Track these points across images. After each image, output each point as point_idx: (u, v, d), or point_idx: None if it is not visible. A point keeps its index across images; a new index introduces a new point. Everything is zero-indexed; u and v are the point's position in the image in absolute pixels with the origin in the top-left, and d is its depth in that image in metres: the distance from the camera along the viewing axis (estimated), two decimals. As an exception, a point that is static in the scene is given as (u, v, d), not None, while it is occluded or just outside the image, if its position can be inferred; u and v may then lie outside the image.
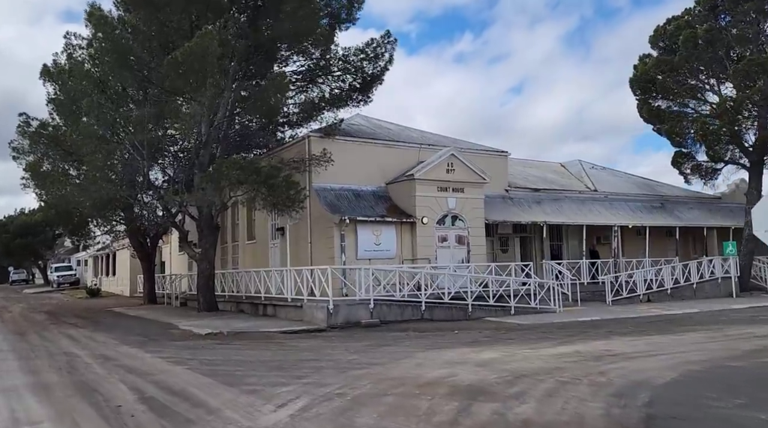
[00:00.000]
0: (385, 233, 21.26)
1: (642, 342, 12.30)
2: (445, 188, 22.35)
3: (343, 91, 22.05)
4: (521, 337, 13.77)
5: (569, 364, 9.56)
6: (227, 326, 17.06)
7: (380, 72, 21.45)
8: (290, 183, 18.30)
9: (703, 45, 27.53)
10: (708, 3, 29.20)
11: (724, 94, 28.98)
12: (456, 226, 22.56)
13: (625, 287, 23.96)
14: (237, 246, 28.00)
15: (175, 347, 12.75)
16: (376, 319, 17.41)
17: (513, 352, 10.99)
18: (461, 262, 22.22)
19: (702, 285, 26.17)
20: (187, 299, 27.22)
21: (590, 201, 28.01)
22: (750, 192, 28.50)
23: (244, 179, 17.89)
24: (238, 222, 27.94)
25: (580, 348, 11.50)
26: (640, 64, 30.91)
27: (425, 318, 18.31)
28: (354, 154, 22.31)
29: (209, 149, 21.63)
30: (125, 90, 21.94)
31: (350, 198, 22.02)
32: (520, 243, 26.36)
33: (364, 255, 20.83)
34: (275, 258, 24.23)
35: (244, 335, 15.33)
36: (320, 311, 17.22)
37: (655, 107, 30.91)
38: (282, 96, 19.56)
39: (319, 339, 13.87)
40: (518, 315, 19.30)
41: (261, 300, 20.64)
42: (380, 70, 21.41)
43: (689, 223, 28.90)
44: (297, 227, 21.77)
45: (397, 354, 10.90)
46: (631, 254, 27.46)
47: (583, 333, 14.31)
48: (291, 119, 23.20)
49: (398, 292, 18.30)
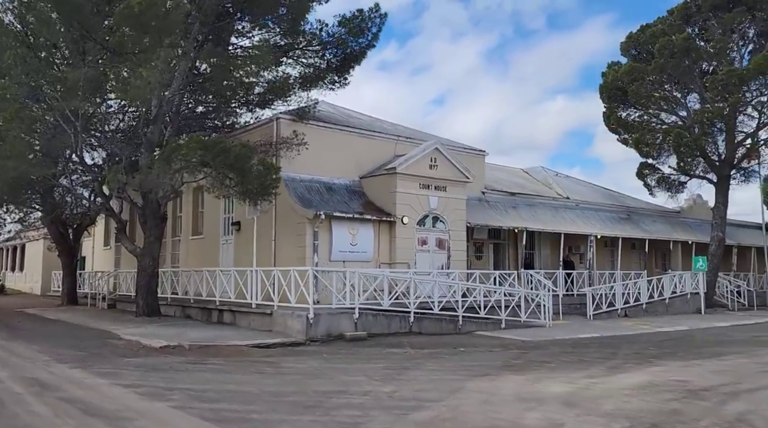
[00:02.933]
0: (362, 232, 18.76)
1: (702, 370, 10.53)
2: (427, 186, 20.14)
3: (319, 69, 19.37)
4: (550, 359, 11.70)
5: (673, 403, 7.53)
6: (181, 336, 14.02)
7: (363, 49, 18.96)
8: (267, 167, 15.47)
9: (679, 54, 26.89)
10: (682, 13, 28.75)
11: (691, 107, 28.61)
12: (437, 228, 20.38)
13: (604, 301, 22.62)
14: (178, 242, 24.55)
15: (130, 366, 9.74)
16: (362, 331, 14.89)
17: (576, 383, 8.86)
18: (441, 268, 20.06)
19: (673, 301, 25.34)
20: (116, 301, 23.50)
21: (563, 209, 26.68)
22: (717, 207, 28.15)
23: (209, 160, 14.89)
24: (180, 214, 24.51)
25: (644, 377, 9.54)
26: (609, 71, 30.03)
27: (413, 331, 15.98)
28: (327, 142, 19.70)
29: (159, 125, 18.38)
30: (57, 48, 18.30)
31: (322, 191, 19.38)
32: (494, 250, 24.58)
33: (338, 257, 18.23)
34: (227, 257, 21.14)
35: (209, 349, 12.41)
36: (296, 321, 14.50)
37: (624, 115, 30.18)
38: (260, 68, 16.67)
39: (312, 358, 11.20)
40: (510, 329, 17.33)
41: (215, 305, 17.57)
42: (364, 47, 18.91)
43: (657, 236, 28.19)
44: (257, 222, 18.87)
45: (438, 384, 8.51)
46: (599, 265, 26.33)
47: (613, 355, 12.44)
48: (253, 98, 20.22)
49: (383, 300, 15.84)
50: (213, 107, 21.45)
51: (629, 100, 29.21)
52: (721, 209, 27.95)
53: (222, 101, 20.09)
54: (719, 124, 27.11)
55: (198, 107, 20.95)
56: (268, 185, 15.59)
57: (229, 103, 20.51)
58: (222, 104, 20.15)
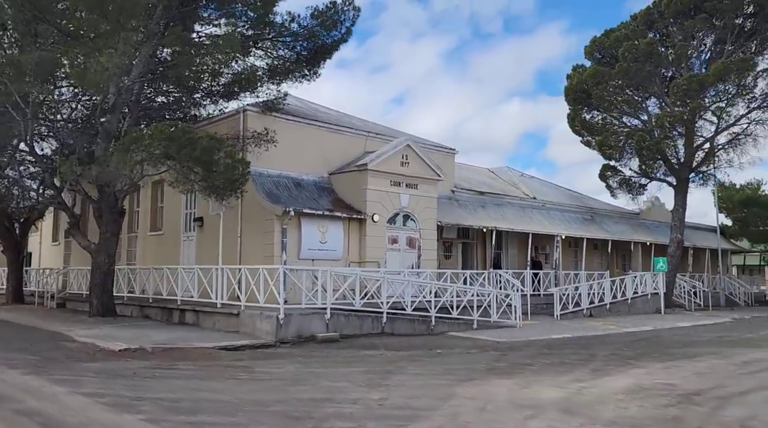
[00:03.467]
0: (332, 230, 18.20)
1: (684, 372, 10.41)
2: (398, 183, 19.73)
3: (289, 61, 18.68)
4: (531, 361, 11.41)
5: (671, 409, 7.30)
6: (142, 338, 13.19)
7: (335, 43, 18.36)
8: (236, 161, 14.72)
9: (642, 59, 27.24)
10: (645, 19, 29.15)
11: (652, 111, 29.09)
12: (407, 226, 19.99)
13: (571, 301, 22.67)
14: (134, 238, 23.46)
15: (90, 372, 8.95)
16: (333, 332, 14.34)
17: (567, 387, 8.57)
18: (411, 267, 19.68)
19: (635, 301, 25.65)
20: (66, 300, 22.23)
21: (530, 209, 26.69)
22: (676, 210, 28.67)
23: (174, 152, 14.05)
24: (138, 209, 23.41)
25: (631, 380, 9.33)
26: (574, 74, 30.29)
27: (386, 332, 15.53)
28: (295, 137, 19.06)
29: (117, 114, 17.38)
30: (5, 29, 17.09)
31: (290, 187, 18.73)
32: (462, 249, 24.35)
33: (307, 255, 17.63)
34: (189, 254, 20.26)
35: (174, 352, 11.65)
36: (266, 322, 13.85)
37: (588, 118, 30.47)
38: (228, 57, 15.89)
39: (287, 362, 10.59)
40: (482, 330, 17.08)
41: (177, 305, 16.71)
42: (336, 41, 18.32)
43: (620, 237, 28.54)
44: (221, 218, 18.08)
45: (426, 390, 8.07)
46: (564, 265, 26.45)
47: (592, 357, 12.24)
48: (219, 89, 19.35)
49: (355, 300, 15.32)
50: (175, 98, 20.50)
51: (593, 103, 29.50)
52: (680, 211, 28.49)
53: (185, 91, 19.18)
54: (679, 128, 27.59)
55: (159, 96, 19.97)
56: (236, 180, 14.86)
57: (193, 93, 19.59)
58: (185, 94, 19.25)
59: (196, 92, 19.45)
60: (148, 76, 17.75)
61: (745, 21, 27.05)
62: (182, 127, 14.33)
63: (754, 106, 26.86)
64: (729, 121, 27.08)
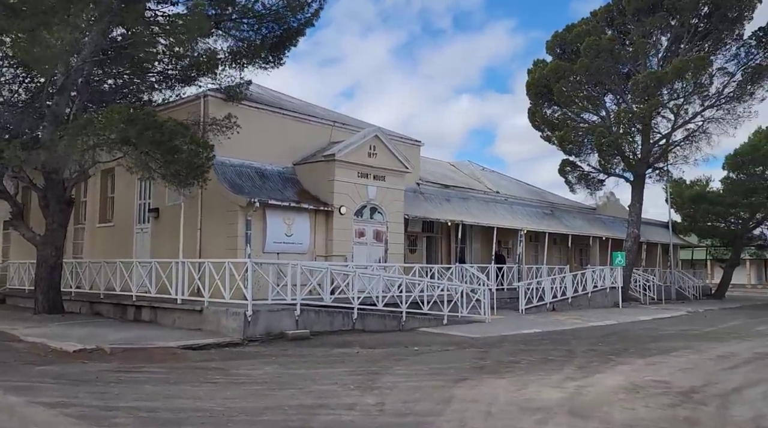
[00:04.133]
0: (298, 222, 17.47)
1: (668, 368, 10.29)
2: (366, 175, 19.13)
3: (253, 45, 17.75)
4: (515, 358, 11.09)
5: (678, 409, 7.05)
6: (97, 337, 12.21)
7: (302, 26, 17.56)
8: (201, 146, 13.80)
9: (604, 55, 27.48)
10: (605, 16, 29.47)
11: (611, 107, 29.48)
12: (375, 219, 19.43)
13: (535, 295, 22.66)
14: (81, 230, 22.06)
15: (47, 377, 8.04)
16: (304, 329, 13.67)
17: (563, 386, 8.25)
18: (378, 261, 19.14)
19: (594, 295, 25.95)
20: (5, 296, 20.71)
21: (493, 203, 26.57)
22: (633, 205, 29.14)
23: (134, 136, 13.04)
24: (85, 199, 22.00)
25: (621, 378, 9.12)
26: (536, 69, 30.35)
27: (357, 328, 14.97)
28: (259, 125, 18.20)
29: (66, 96, 16.14)
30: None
31: (254, 177, 17.88)
32: (427, 243, 23.98)
33: (272, 248, 16.85)
34: (143, 247, 19.13)
35: (136, 353, 10.76)
36: (232, 319, 13.06)
37: (549, 113, 30.62)
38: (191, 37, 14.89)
39: (263, 362, 9.89)
40: (453, 325, 16.77)
41: (132, 301, 15.65)
42: (302, 24, 17.52)
43: (580, 232, 28.79)
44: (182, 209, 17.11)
45: (422, 393, 7.57)
46: (524, 259, 26.48)
47: (571, 353, 12.04)
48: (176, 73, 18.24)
49: (325, 296, 14.68)
50: (126, 81, 19.25)
51: (554, 98, 29.62)
52: (636, 207, 28.97)
53: (139, 74, 17.97)
54: (638, 124, 28.00)
55: (110, 79, 18.67)
56: (199, 166, 13.95)
57: (147, 76, 18.41)
58: (139, 77, 18.03)
59: (152, 76, 18.27)
60: (99, 56, 16.53)
61: (700, 22, 27.61)
62: (145, 109, 13.31)
63: (708, 104, 27.48)
64: (686, 118, 27.62)
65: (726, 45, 27.72)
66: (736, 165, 36.05)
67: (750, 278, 50.32)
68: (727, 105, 27.66)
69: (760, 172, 35.00)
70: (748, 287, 49.90)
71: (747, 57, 27.18)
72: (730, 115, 27.95)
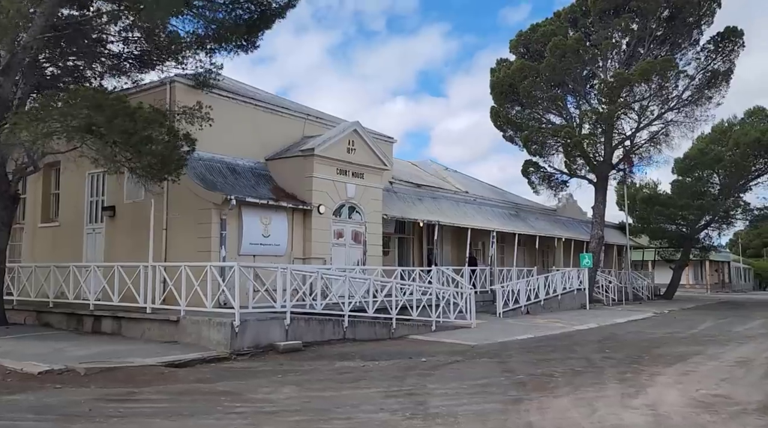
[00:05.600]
0: (276, 222, 16.06)
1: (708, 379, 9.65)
2: (345, 172, 17.93)
3: (224, 27, 16.17)
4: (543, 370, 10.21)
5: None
6: (59, 354, 10.51)
7: (282, 8, 16.11)
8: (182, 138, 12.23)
9: (570, 55, 27.34)
10: (570, 16, 29.42)
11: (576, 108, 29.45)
12: (353, 219, 18.24)
13: (511, 298, 22.05)
14: (19, 231, 19.67)
15: (20, 410, 6.44)
16: (294, 340, 12.32)
17: (629, 404, 7.41)
18: (356, 264, 17.95)
19: (564, 297, 25.69)
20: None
21: (463, 203, 25.85)
22: (596, 206, 29.18)
23: (103, 123, 11.32)
24: (24, 196, 19.64)
25: (674, 392, 8.37)
26: (501, 68, 29.95)
27: (348, 338, 13.75)
28: (229, 116, 16.64)
29: (12, 77, 14.12)
30: None
31: (225, 173, 16.34)
32: (398, 245, 22.95)
33: (248, 250, 15.37)
34: (95, 249, 17.19)
35: (114, 373, 9.15)
36: (216, 330, 11.57)
37: (514, 113, 30.27)
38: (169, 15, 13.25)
39: (266, 380, 8.55)
40: (441, 332, 15.84)
41: (89, 310, 13.80)
42: (283, 6, 16.07)
43: (547, 233, 28.52)
44: (140, 207, 15.40)
45: (487, 419, 6.50)
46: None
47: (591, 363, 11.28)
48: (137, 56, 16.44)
49: (315, 303, 13.38)
50: (77, 64, 17.24)
51: (519, 98, 29.29)
52: (600, 208, 29.02)
53: (91, 56, 16.05)
54: (603, 126, 28.00)
55: (59, 61, 16.63)
56: (177, 160, 12.36)
57: (102, 60, 16.50)
58: (91, 60, 16.10)
59: (106, 59, 16.37)
60: (52, 33, 14.58)
61: (660, 25, 27.86)
62: (114, 94, 11.64)
63: (669, 106, 27.77)
64: (649, 119, 27.81)
65: (686, 49, 28.20)
66: (685, 169, 37.00)
67: (689, 278, 52.11)
68: (686, 108, 28.13)
69: (708, 175, 35.99)
70: (687, 286, 51.62)
71: (706, 61, 27.68)
72: (689, 118, 28.48)
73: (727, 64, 27.34)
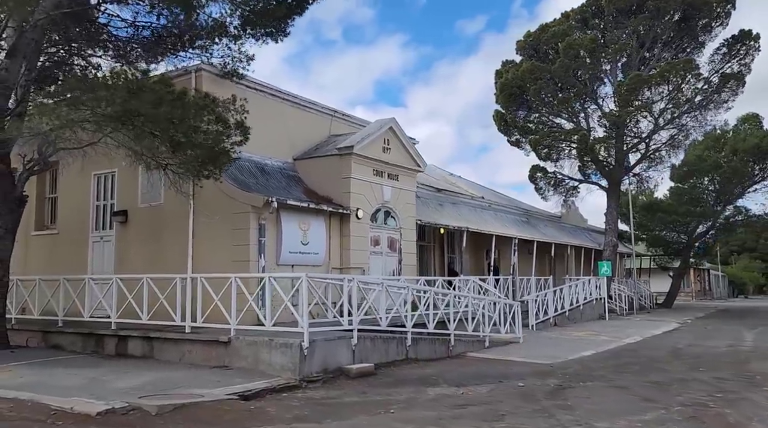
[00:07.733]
0: (314, 228, 14.46)
1: None
2: (381, 173, 16.50)
3: (253, 11, 14.54)
4: (678, 396, 8.93)
5: None
6: (100, 386, 8.73)
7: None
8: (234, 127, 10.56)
9: (585, 55, 26.54)
10: (579, 16, 28.63)
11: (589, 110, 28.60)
12: (388, 225, 16.78)
13: (541, 309, 20.84)
14: (8, 238, 17.46)
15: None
16: (363, 363, 10.74)
17: None
18: (392, 274, 16.46)
19: (585, 307, 24.68)
20: None
21: (480, 209, 24.63)
22: (609, 213, 28.39)
23: (145, 111, 9.58)
24: (14, 199, 17.47)
25: None
26: (510, 69, 28.91)
27: (410, 357, 12.22)
28: (258, 111, 14.76)
29: (19, 60, 12.23)
30: None
31: (255, 173, 14.69)
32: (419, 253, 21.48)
33: (287, 259, 13.74)
34: (103, 260, 15.28)
35: (188, 411, 7.44)
36: (279, 352, 9.91)
37: (523, 116, 29.30)
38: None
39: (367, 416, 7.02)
40: (494, 348, 14.56)
41: (111, 330, 11.92)
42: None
43: (559, 240, 27.52)
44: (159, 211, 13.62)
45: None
46: (505, 269, 24.69)
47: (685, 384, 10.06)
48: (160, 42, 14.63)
49: (381, 319, 11.82)
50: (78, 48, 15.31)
51: (527, 101, 28.35)
52: (613, 214, 28.24)
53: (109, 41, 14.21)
54: (615, 129, 27.21)
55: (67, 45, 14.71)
56: (224, 153, 10.67)
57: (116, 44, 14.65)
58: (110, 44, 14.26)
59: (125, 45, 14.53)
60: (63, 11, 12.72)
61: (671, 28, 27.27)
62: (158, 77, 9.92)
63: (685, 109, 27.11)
64: (665, 121, 27.09)
65: (699, 51, 27.70)
66: (683, 175, 36.69)
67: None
68: (698, 112, 27.57)
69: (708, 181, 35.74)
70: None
71: (720, 64, 27.23)
72: (700, 122, 27.98)
73: (741, 67, 26.93)
